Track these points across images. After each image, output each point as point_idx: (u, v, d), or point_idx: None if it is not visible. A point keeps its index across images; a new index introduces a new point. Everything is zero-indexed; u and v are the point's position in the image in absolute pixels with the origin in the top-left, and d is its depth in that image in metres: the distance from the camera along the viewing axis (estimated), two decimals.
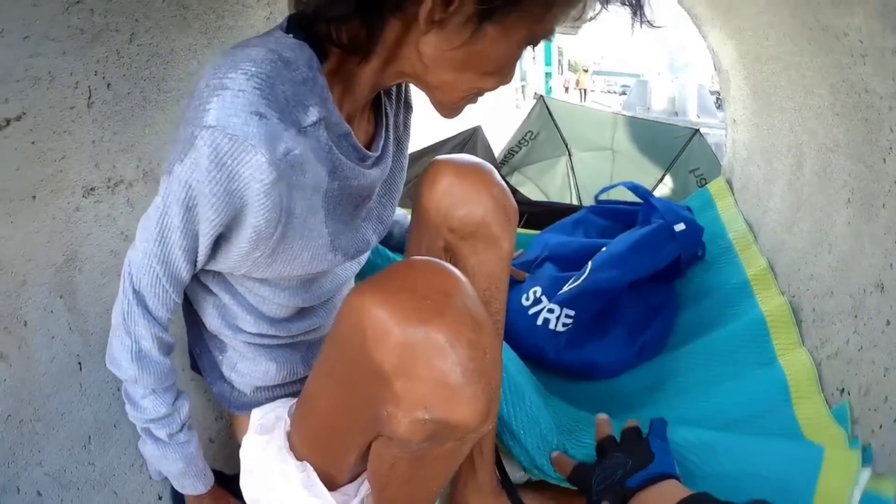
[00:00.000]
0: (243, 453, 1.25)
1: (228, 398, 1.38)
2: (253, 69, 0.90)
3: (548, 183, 4.95)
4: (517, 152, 4.95)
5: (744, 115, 2.38)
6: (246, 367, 1.34)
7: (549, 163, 4.99)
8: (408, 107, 1.32)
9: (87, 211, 1.39)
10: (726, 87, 2.50)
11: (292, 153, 0.94)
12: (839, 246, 1.68)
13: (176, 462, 1.27)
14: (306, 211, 1.03)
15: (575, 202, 4.74)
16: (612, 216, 2.42)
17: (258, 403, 1.35)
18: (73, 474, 1.31)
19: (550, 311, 1.97)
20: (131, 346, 1.14)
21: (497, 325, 1.27)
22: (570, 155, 4.94)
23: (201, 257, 1.06)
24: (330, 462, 1.15)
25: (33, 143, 1.24)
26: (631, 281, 1.98)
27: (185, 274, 1.08)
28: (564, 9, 0.98)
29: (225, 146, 0.88)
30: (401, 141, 1.30)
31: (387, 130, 1.20)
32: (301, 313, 1.31)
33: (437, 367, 0.85)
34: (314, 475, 1.15)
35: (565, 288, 2.00)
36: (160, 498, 1.47)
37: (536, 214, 3.61)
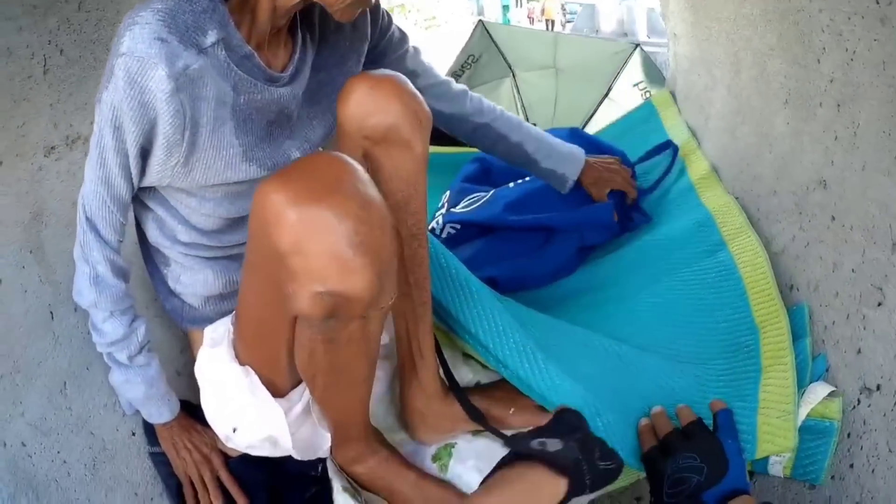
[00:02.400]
0: (197, 369, 1.37)
1: (180, 313, 1.46)
2: (159, 6, 1.09)
3: (494, 104, 4.94)
4: (461, 76, 4.94)
5: (683, 29, 2.42)
6: (187, 277, 1.42)
7: (493, 84, 4.99)
8: (360, 37, 1.47)
9: (48, 169, 1.47)
10: (666, 1, 2.54)
11: (191, 68, 1.11)
12: (780, 146, 1.74)
13: (139, 386, 1.38)
14: (213, 121, 1.19)
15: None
16: (591, 146, 2.39)
17: (208, 317, 1.44)
18: (53, 421, 1.37)
19: (437, 223, 2.09)
20: (89, 273, 1.28)
21: (417, 226, 1.33)
22: (514, 76, 4.96)
23: (134, 172, 1.21)
24: (268, 363, 1.25)
25: None
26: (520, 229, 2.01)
27: (125, 192, 1.24)
28: None
29: (134, 67, 1.07)
30: (345, 57, 1.44)
31: (303, 55, 1.33)
32: (232, 226, 1.39)
33: (326, 241, 0.93)
34: (256, 379, 1.26)
35: (461, 204, 2.09)
36: (133, 434, 1.52)
37: None
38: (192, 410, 1.50)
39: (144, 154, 1.19)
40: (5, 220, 1.36)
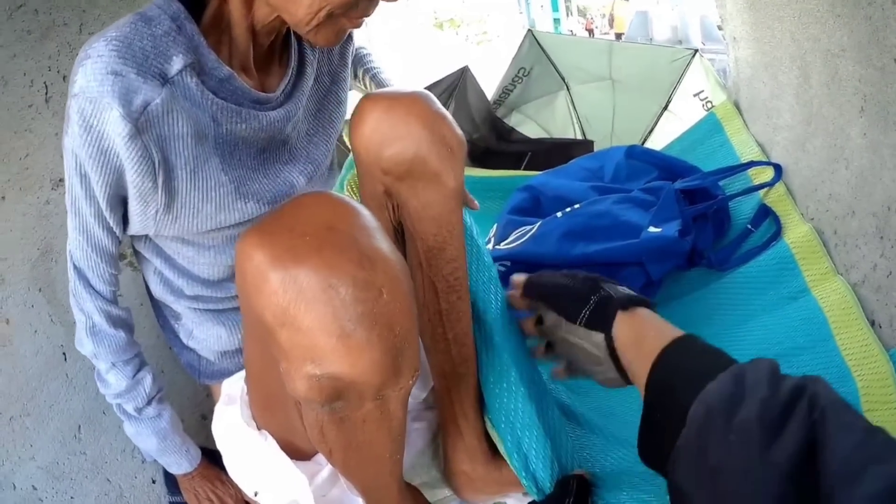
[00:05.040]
0: (214, 427, 1.27)
1: (197, 368, 1.40)
2: (113, 34, 0.96)
3: (548, 119, 4.83)
4: (511, 91, 4.81)
5: (743, 31, 2.31)
6: (200, 332, 1.35)
7: (547, 99, 4.86)
8: (347, 38, 1.35)
9: (57, 203, 1.48)
10: (723, 3, 2.42)
11: (153, 103, 0.98)
12: (857, 160, 1.61)
13: (150, 437, 1.32)
14: (192, 160, 1.06)
15: (579, 137, 4.62)
16: (654, 162, 2.27)
17: (226, 370, 1.38)
18: (66, 465, 1.41)
19: None
20: (85, 322, 1.20)
21: (455, 274, 1.19)
22: (568, 89, 4.82)
23: (113, 222, 1.10)
24: (285, 428, 1.14)
25: None
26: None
27: (107, 242, 1.14)
28: None
29: (88, 109, 0.96)
30: (335, 73, 1.31)
31: (300, 70, 1.21)
32: None
33: (318, 313, 0.78)
34: (274, 444, 1.15)
35: (510, 238, 1.98)
36: (153, 482, 1.55)
37: (540, 153, 3.53)
38: (216, 458, 1.42)
39: (121, 202, 1.09)
40: (11, 258, 1.38)
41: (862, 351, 1.41)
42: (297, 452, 1.15)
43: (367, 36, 6.91)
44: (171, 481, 1.50)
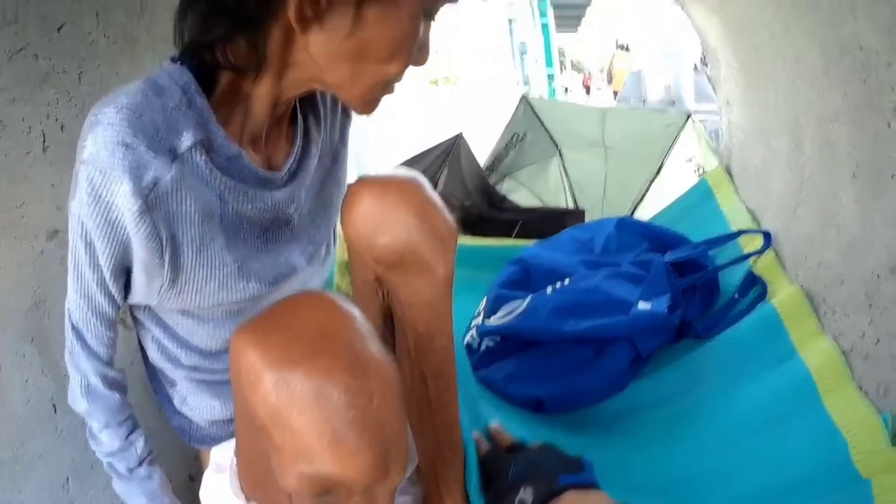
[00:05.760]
0: (202, 494, 1.27)
1: (188, 432, 1.39)
2: (124, 101, 0.94)
3: (540, 186, 4.84)
4: (504, 157, 4.85)
5: (736, 95, 2.34)
6: (194, 400, 1.34)
7: (540, 165, 4.88)
8: (346, 116, 1.31)
9: (51, 255, 1.46)
10: (716, 67, 2.47)
11: (163, 180, 0.96)
12: (848, 227, 1.61)
13: (139, 497, 1.29)
14: (199, 239, 1.05)
15: (570, 205, 4.65)
16: (644, 234, 2.30)
17: (217, 436, 1.36)
18: None
19: (473, 336, 2.01)
20: (80, 381, 1.17)
21: (443, 363, 1.22)
22: (561, 155, 4.86)
23: (115, 290, 1.07)
24: (271, 502, 1.12)
25: None
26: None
27: (108, 308, 1.11)
28: None
29: (97, 179, 0.93)
30: (336, 152, 1.30)
31: (305, 148, 1.19)
32: None
33: (311, 416, 0.81)
34: None
35: (500, 312, 2.00)
36: None
37: (532, 222, 3.55)
38: None
39: (126, 271, 1.07)
40: (5, 306, 1.36)
41: (851, 410, 1.42)
42: None
43: None
44: None
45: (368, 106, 1.09)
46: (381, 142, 6.85)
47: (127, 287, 1.11)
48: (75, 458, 1.45)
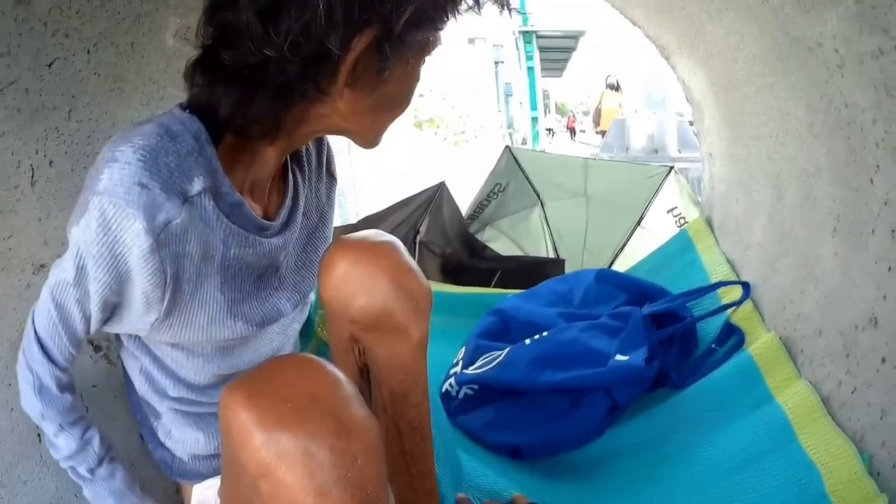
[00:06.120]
0: None
1: (170, 465, 1.42)
2: (140, 142, 0.99)
3: (521, 235, 4.92)
4: (486, 206, 4.92)
5: (719, 148, 2.37)
6: (178, 433, 1.37)
7: (521, 214, 4.96)
8: (331, 178, 1.41)
9: (37, 287, 1.41)
10: (700, 118, 2.50)
11: (173, 222, 1.01)
12: (827, 280, 1.64)
13: (107, 499, 1.30)
14: (195, 277, 1.11)
15: (551, 254, 4.70)
16: (623, 286, 2.33)
17: (199, 472, 1.40)
18: None
19: (451, 385, 2.04)
20: (33, 381, 1.20)
21: (419, 418, 1.28)
22: (542, 205, 4.92)
23: (95, 318, 1.12)
24: None
25: None
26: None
27: (80, 330, 1.15)
28: (447, 23, 1.04)
29: (110, 212, 0.98)
30: (323, 212, 1.39)
31: (294, 200, 1.27)
32: (225, 382, 1.33)
33: (297, 474, 0.86)
34: None
35: (478, 363, 2.03)
36: None
37: (511, 271, 3.59)
38: None
39: (109, 306, 1.12)
40: None
41: (825, 443, 1.45)
42: None
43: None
44: None
45: (377, 143, 1.17)
46: (375, 172, 6.92)
47: (107, 320, 1.15)
48: (59, 486, 1.45)
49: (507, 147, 5.15)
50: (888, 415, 1.34)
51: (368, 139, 1.16)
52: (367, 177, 7.21)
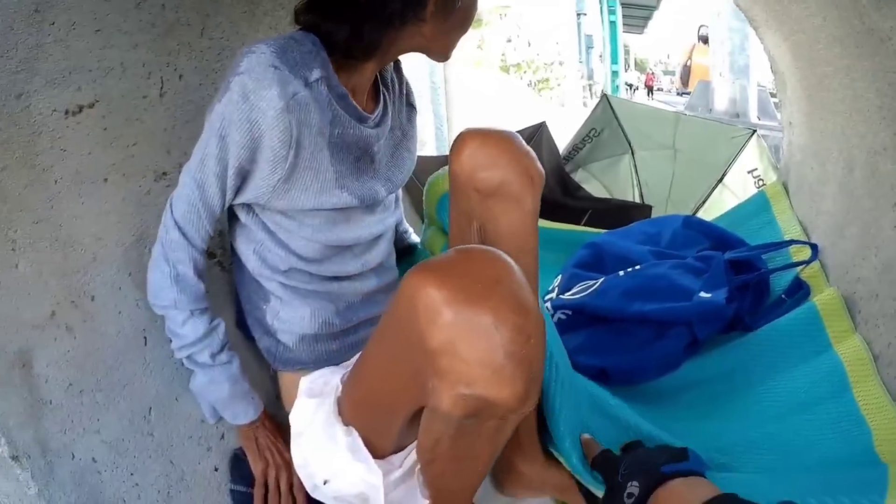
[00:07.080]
0: (293, 417, 1.37)
1: (274, 353, 1.54)
2: (272, 41, 1.29)
3: (611, 180, 5.01)
4: (581, 149, 5.03)
5: (798, 118, 2.41)
6: (286, 313, 1.49)
7: (612, 160, 5.05)
8: (410, 107, 1.66)
9: (157, 194, 1.52)
10: (783, 89, 2.53)
11: (299, 94, 1.28)
12: (885, 250, 1.73)
13: (223, 384, 1.45)
14: (313, 146, 1.34)
15: (638, 200, 4.77)
16: (707, 233, 2.41)
17: (300, 359, 1.51)
18: (131, 443, 1.41)
19: (546, 309, 2.09)
20: (170, 272, 1.37)
21: (529, 280, 1.30)
22: (632, 153, 4.99)
23: (230, 185, 1.34)
24: (375, 429, 1.26)
25: (105, 129, 1.39)
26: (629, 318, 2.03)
27: (216, 203, 1.36)
28: None
29: (250, 85, 1.25)
30: (405, 130, 1.62)
31: (384, 109, 1.52)
32: (331, 255, 1.48)
33: (481, 348, 0.94)
34: (359, 440, 1.26)
35: (574, 290, 2.12)
36: (216, 469, 1.55)
37: (600, 212, 3.68)
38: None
39: (243, 173, 1.34)
40: (106, 238, 1.42)
41: (875, 401, 1.54)
42: (375, 451, 1.26)
43: (444, 76, 7.11)
44: (233, 469, 1.55)
45: (449, 57, 1.50)
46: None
47: (238, 191, 1.36)
48: (160, 390, 1.49)
49: (604, 95, 5.20)
50: None
51: (443, 55, 1.47)
52: (457, 117, 7.28)
